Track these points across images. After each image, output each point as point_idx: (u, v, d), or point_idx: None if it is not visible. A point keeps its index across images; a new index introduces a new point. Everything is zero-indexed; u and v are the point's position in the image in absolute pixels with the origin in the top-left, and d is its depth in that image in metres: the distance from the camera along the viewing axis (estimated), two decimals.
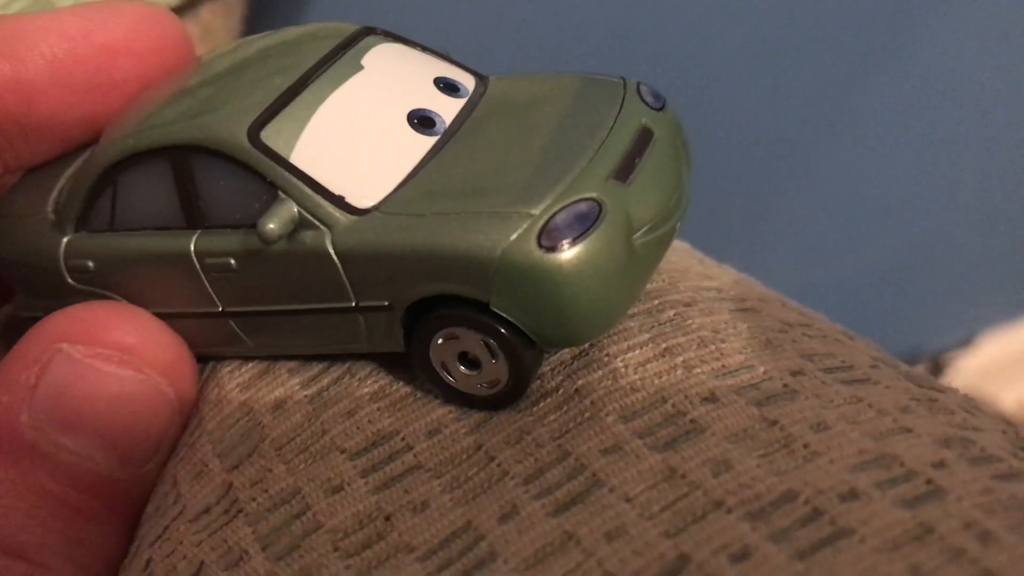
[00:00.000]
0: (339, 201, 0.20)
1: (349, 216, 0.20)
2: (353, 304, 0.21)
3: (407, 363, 0.22)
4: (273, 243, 0.20)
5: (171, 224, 0.22)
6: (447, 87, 0.23)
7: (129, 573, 0.21)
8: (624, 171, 0.20)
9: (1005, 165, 0.80)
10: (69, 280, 0.24)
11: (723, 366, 0.20)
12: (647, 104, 0.22)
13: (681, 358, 0.21)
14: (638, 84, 0.23)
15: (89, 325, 0.22)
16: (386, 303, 0.20)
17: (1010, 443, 0.19)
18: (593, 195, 0.19)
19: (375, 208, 0.20)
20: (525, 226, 0.18)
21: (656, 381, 0.20)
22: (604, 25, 0.59)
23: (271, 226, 0.20)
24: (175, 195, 0.22)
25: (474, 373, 0.20)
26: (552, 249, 0.18)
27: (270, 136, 0.21)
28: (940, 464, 0.18)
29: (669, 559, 0.16)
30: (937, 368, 0.85)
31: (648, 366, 0.21)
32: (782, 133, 0.70)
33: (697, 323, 0.22)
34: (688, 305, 0.23)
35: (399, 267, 0.19)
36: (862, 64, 0.69)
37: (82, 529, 0.21)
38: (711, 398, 0.19)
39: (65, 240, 0.23)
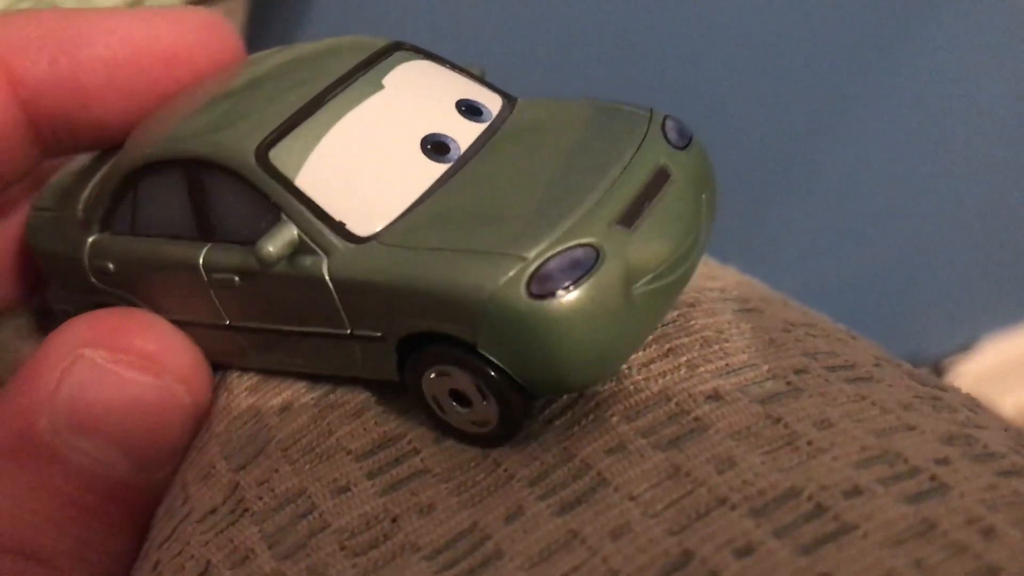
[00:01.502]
0: (339, 228, 0.20)
1: (347, 244, 0.20)
2: (348, 332, 0.20)
3: None
4: (270, 265, 0.20)
5: (184, 234, 0.22)
6: (469, 110, 0.22)
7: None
8: (631, 216, 0.19)
9: (1006, 170, 0.81)
10: (92, 279, 0.24)
11: (726, 365, 0.21)
12: (670, 142, 0.21)
13: (685, 358, 0.21)
14: (664, 119, 0.22)
15: (111, 331, 0.22)
16: (379, 334, 0.20)
17: (1013, 440, 0.19)
18: (592, 241, 0.18)
19: (374, 237, 0.20)
20: (516, 270, 0.18)
21: (660, 381, 0.20)
22: (607, 28, 0.59)
23: (269, 249, 0.20)
24: (188, 207, 0.22)
25: (465, 411, 0.20)
26: (541, 296, 0.18)
27: (279, 156, 0.20)
28: (943, 461, 0.18)
29: (673, 555, 0.16)
30: (937, 373, 0.85)
31: (652, 366, 0.21)
32: (783, 137, 0.71)
33: (700, 323, 0.22)
34: (691, 306, 0.23)
35: (391, 300, 0.19)
36: (864, 68, 0.69)
37: (97, 533, 0.21)
38: (715, 396, 0.20)
39: (90, 240, 0.24)
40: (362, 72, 0.22)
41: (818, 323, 0.24)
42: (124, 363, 0.22)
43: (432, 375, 0.20)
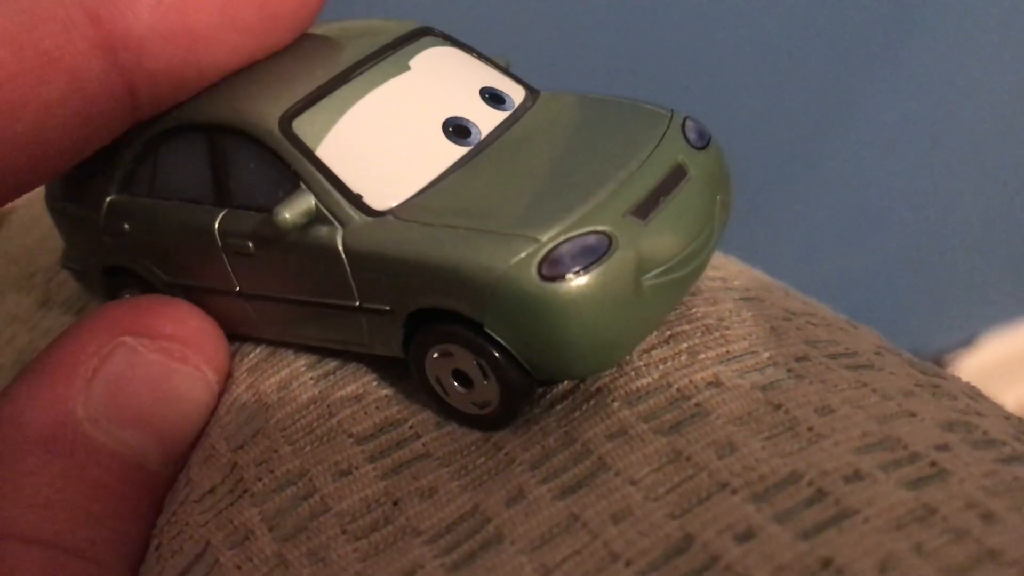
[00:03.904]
0: (356, 200, 0.20)
1: (363, 216, 0.20)
2: (357, 304, 0.21)
3: None
4: (286, 232, 0.20)
5: (202, 199, 0.22)
6: (492, 98, 0.23)
7: (145, 561, 0.21)
8: (646, 208, 0.19)
9: (1007, 165, 0.81)
10: (105, 239, 0.24)
11: (728, 352, 0.21)
12: (688, 141, 0.21)
13: (686, 344, 0.21)
14: (684, 119, 0.22)
15: (149, 317, 0.22)
16: (387, 308, 0.20)
17: (1013, 428, 0.19)
18: (605, 228, 0.18)
19: (390, 211, 0.20)
20: (528, 251, 0.18)
21: (661, 367, 0.20)
22: (613, 24, 0.59)
23: (286, 215, 0.20)
24: (208, 171, 0.22)
25: (466, 391, 0.20)
26: (551, 279, 0.18)
27: (301, 126, 0.21)
28: (944, 447, 0.18)
29: (674, 539, 0.17)
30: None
31: (652, 352, 0.21)
32: (784, 132, 0.70)
33: (702, 311, 0.22)
34: (693, 294, 0.23)
35: (401, 274, 0.19)
36: (865, 63, 0.69)
37: (131, 524, 0.21)
38: (716, 383, 0.20)
39: (108, 200, 0.24)
40: (390, 53, 0.23)
41: (819, 312, 0.24)
42: (166, 352, 0.22)
43: (435, 355, 0.20)
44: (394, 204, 0.20)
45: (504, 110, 0.23)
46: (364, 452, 0.20)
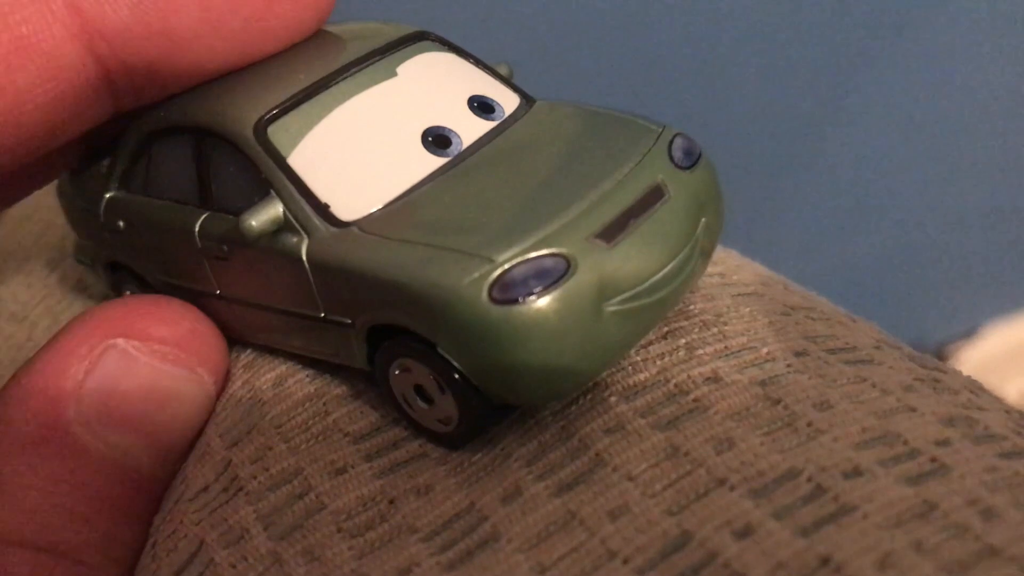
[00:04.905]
0: (323, 210, 0.20)
1: (329, 227, 0.20)
2: (322, 316, 0.20)
3: None
4: (251, 239, 0.20)
5: (188, 201, 0.22)
6: (481, 107, 0.22)
7: (141, 561, 0.21)
8: (614, 230, 0.19)
9: (1011, 156, 0.80)
10: (105, 234, 0.24)
11: (725, 347, 0.20)
12: (673, 160, 0.20)
13: (683, 340, 0.21)
14: (674, 136, 0.21)
15: (141, 319, 0.22)
16: (349, 321, 0.20)
17: (1013, 422, 0.19)
18: (564, 251, 0.18)
19: (355, 223, 0.20)
20: (481, 272, 0.17)
21: (658, 362, 0.20)
22: (612, 15, 0.59)
23: (252, 223, 0.20)
24: (194, 174, 0.22)
25: (429, 407, 0.19)
26: (503, 302, 0.17)
27: (276, 132, 0.20)
28: (944, 442, 0.18)
29: (672, 536, 0.16)
30: (940, 359, 0.85)
31: (650, 348, 0.21)
32: (786, 123, 0.70)
33: (699, 308, 0.22)
34: (691, 291, 0.23)
35: (360, 288, 0.19)
36: (869, 53, 0.69)
37: (123, 527, 0.21)
38: (713, 378, 0.19)
39: (107, 196, 0.24)
40: (378, 58, 0.22)
41: (818, 306, 0.24)
42: (159, 355, 0.21)
43: (396, 371, 0.20)
44: (360, 215, 0.20)
45: (491, 120, 0.22)
46: (360, 451, 0.20)
